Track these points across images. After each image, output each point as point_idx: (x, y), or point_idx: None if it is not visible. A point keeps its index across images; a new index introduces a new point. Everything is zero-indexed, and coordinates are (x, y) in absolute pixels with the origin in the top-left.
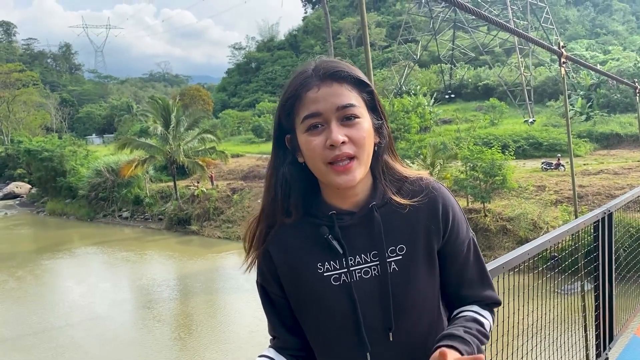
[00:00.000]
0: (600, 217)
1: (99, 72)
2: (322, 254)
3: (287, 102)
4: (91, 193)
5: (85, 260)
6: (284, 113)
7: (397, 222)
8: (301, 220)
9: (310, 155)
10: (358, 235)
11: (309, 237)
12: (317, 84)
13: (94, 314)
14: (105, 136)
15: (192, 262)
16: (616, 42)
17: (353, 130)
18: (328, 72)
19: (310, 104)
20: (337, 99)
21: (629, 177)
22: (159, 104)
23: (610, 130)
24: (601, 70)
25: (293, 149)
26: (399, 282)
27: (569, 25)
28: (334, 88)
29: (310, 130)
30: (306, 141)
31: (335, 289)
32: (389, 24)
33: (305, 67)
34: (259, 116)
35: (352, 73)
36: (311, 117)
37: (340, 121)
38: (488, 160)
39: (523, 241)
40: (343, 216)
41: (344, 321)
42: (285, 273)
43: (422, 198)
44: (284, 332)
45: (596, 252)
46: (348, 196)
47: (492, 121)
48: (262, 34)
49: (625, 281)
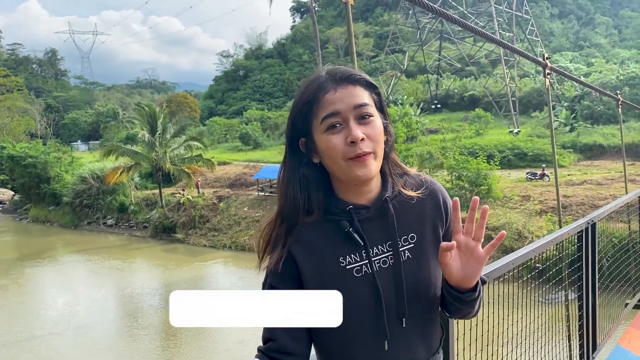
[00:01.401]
0: (583, 227)
1: (85, 78)
2: (343, 248)
3: (305, 105)
4: (75, 200)
5: (69, 269)
6: (301, 116)
7: (407, 213)
8: (321, 218)
9: (331, 153)
10: (374, 227)
11: (330, 233)
12: (333, 87)
13: (77, 322)
14: (91, 143)
15: (178, 270)
16: (599, 55)
17: (369, 128)
18: (343, 75)
19: (328, 105)
20: (354, 99)
21: (612, 188)
22: (146, 111)
23: (594, 141)
24: (585, 82)
25: (308, 151)
26: (412, 269)
27: (554, 37)
28: (350, 89)
29: (330, 130)
30: (327, 140)
31: (358, 280)
32: (377, 34)
33: (317, 74)
34: (246, 124)
35: (363, 76)
36: (331, 116)
37: (357, 120)
38: (473, 169)
39: (508, 250)
40: (360, 210)
41: (366, 311)
42: (309, 271)
43: (424, 190)
44: (283, 336)
45: (580, 262)
46: (363, 192)
47: (478, 131)
48: (250, 42)
49: (608, 291)
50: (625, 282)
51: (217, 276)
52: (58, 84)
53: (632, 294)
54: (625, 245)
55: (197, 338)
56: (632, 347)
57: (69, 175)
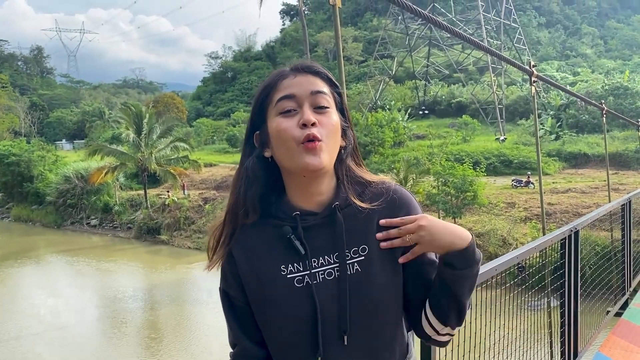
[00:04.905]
0: (567, 234)
1: (72, 76)
2: (285, 256)
3: (262, 92)
4: (59, 199)
5: (50, 269)
6: (257, 105)
7: (360, 223)
8: (264, 221)
9: (281, 136)
10: (320, 236)
11: (272, 238)
12: (293, 74)
13: (58, 323)
14: (76, 142)
15: (162, 272)
16: (585, 65)
17: (323, 117)
18: (304, 65)
19: (284, 88)
20: (311, 85)
21: (596, 196)
22: (132, 111)
23: (579, 150)
24: (570, 90)
25: (261, 145)
26: (359, 283)
27: (541, 46)
28: (309, 77)
29: (283, 114)
30: (278, 123)
31: (299, 290)
32: (366, 39)
33: (281, 68)
34: (233, 126)
35: (325, 71)
36: (285, 98)
37: (312, 108)
38: (460, 176)
39: (492, 257)
40: (306, 217)
41: (303, 324)
42: (248, 275)
43: (382, 201)
44: (245, 340)
45: (563, 269)
46: (313, 194)
47: (465, 138)
48: (240, 44)
49: (590, 298)
50: (607, 289)
51: (201, 279)
52: (43, 82)
53: (613, 301)
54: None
55: (179, 339)
56: (613, 354)
57: (53, 175)
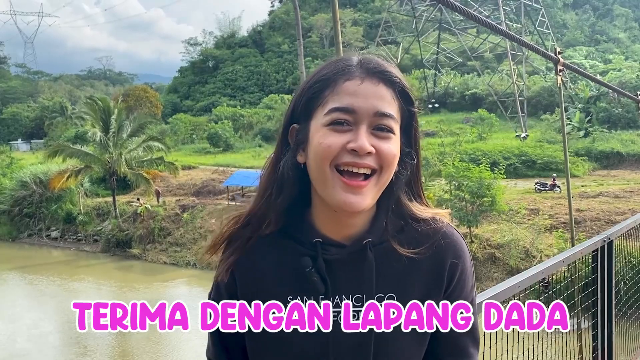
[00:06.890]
0: (599, 245)
1: (28, 66)
2: (298, 288)
3: (316, 84)
4: (14, 208)
5: (5, 288)
6: (306, 96)
7: (393, 267)
8: (281, 241)
9: (319, 151)
10: (344, 273)
11: (285, 264)
12: (361, 77)
13: (12, 350)
14: (33, 142)
15: (134, 291)
16: (617, 51)
17: (383, 144)
18: (378, 69)
19: (345, 95)
20: (379, 103)
21: (631, 201)
22: (98, 106)
23: (611, 149)
24: (601, 81)
25: (296, 144)
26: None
27: (567, 30)
28: (379, 89)
29: (333, 125)
30: (323, 134)
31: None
32: (367, 23)
33: (347, 56)
34: (215, 122)
35: (403, 81)
36: (342, 111)
37: (371, 128)
38: (475, 179)
39: (514, 271)
40: (330, 247)
41: None
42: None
43: (426, 248)
44: (221, 357)
45: (595, 286)
46: (344, 225)
47: (480, 135)
48: (222, 29)
49: (626, 318)
50: None
51: (179, 298)
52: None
53: None
54: None
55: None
56: None
57: (7, 180)
